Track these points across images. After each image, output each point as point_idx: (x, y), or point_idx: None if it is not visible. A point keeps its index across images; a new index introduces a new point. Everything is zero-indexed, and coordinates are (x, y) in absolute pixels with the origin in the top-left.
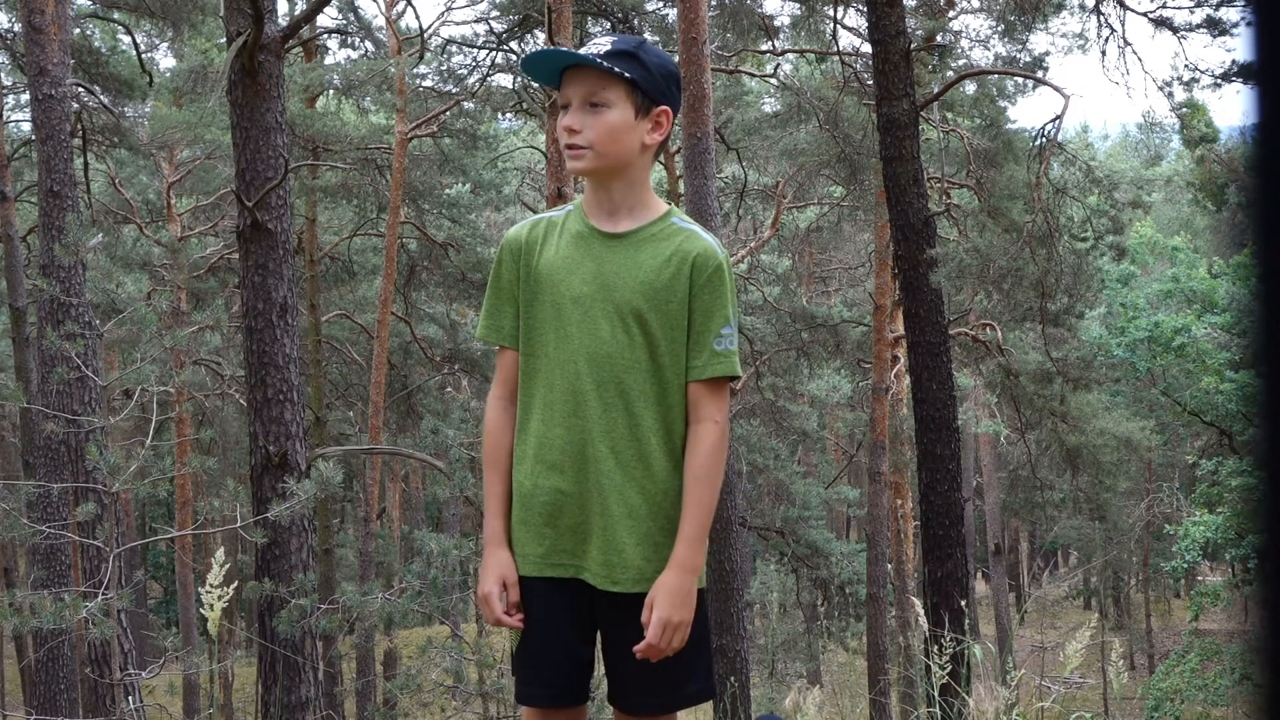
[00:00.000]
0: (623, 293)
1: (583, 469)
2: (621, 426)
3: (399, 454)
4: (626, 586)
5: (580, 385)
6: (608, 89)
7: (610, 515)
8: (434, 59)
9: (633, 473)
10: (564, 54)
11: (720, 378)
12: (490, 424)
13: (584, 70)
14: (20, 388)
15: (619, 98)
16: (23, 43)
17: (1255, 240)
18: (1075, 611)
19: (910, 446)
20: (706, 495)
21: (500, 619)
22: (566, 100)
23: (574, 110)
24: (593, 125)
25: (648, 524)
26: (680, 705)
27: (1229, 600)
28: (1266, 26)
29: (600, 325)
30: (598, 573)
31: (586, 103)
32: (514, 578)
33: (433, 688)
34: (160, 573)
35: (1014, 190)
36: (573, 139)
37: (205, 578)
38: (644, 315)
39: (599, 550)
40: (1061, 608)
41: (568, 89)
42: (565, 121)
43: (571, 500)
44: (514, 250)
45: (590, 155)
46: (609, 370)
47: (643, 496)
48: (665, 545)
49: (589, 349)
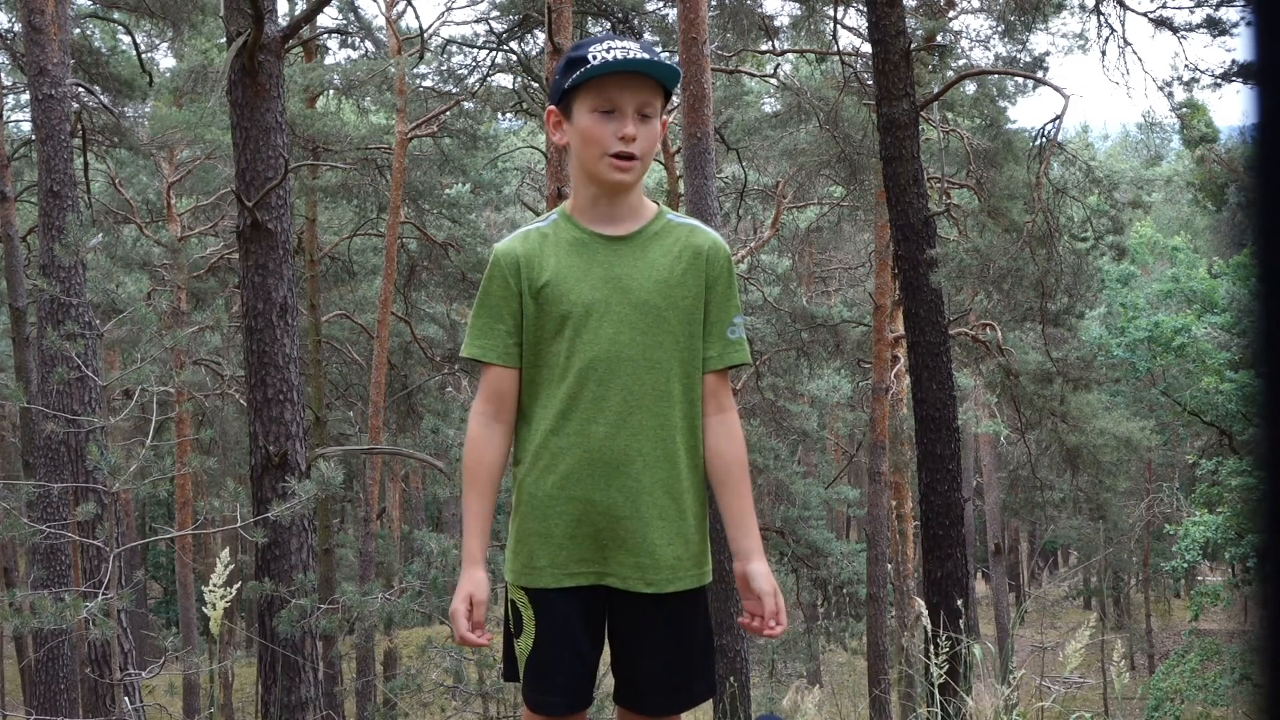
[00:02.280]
0: (639, 293)
1: (608, 475)
2: (648, 428)
3: (399, 454)
4: (660, 587)
5: (601, 391)
6: (656, 99)
7: (641, 518)
8: (434, 59)
9: (659, 474)
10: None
11: (734, 366)
12: (475, 441)
13: (637, 77)
14: (20, 388)
15: (659, 108)
16: (23, 43)
17: (1255, 240)
18: (1075, 611)
19: (910, 446)
20: (748, 480)
21: (464, 636)
22: (614, 104)
23: (630, 119)
24: (645, 135)
25: (677, 523)
26: (691, 704)
27: (1229, 600)
28: (1266, 26)
29: (619, 329)
30: (630, 576)
31: (640, 112)
32: (482, 597)
33: (433, 688)
34: (160, 573)
35: (1014, 190)
36: (629, 147)
37: (206, 577)
38: (663, 313)
39: (630, 554)
40: (1061, 608)
41: (619, 94)
42: (627, 131)
43: (596, 507)
44: (509, 265)
45: (639, 167)
46: (631, 373)
47: (670, 496)
48: (691, 541)
49: (608, 354)
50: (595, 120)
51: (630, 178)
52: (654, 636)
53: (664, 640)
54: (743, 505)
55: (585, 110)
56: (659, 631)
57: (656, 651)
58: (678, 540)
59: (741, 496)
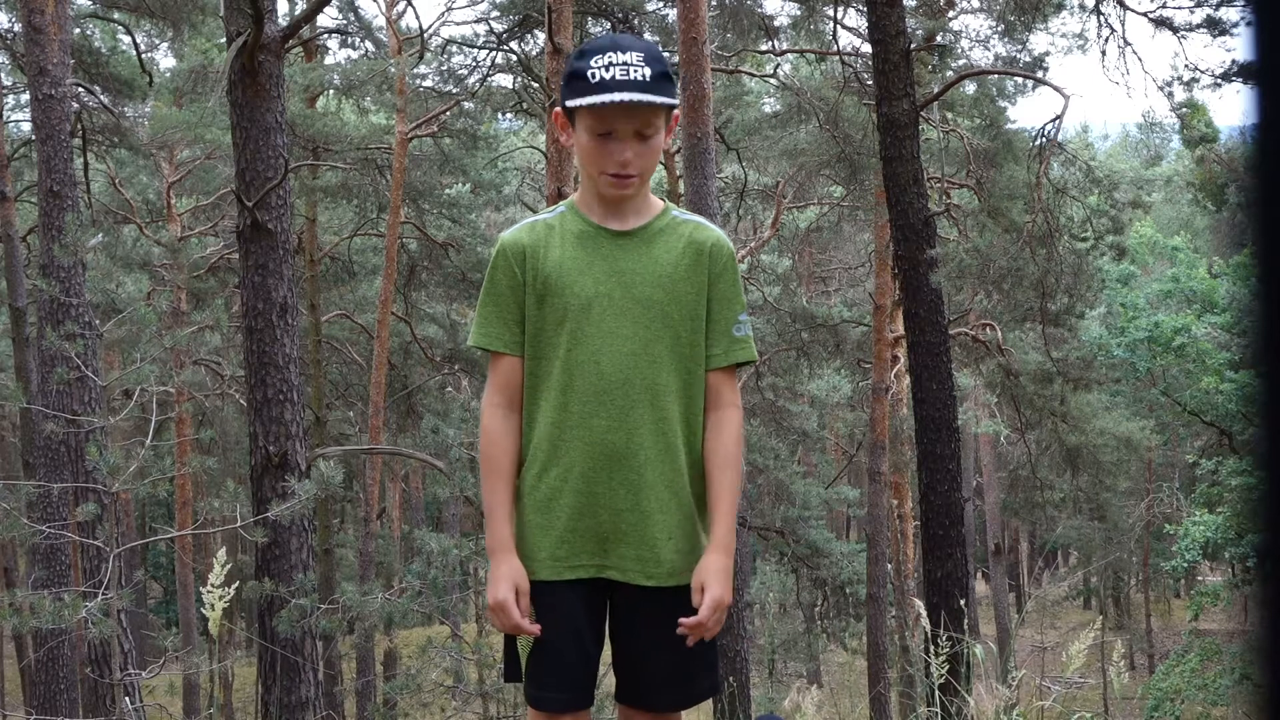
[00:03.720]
0: (642, 288)
1: (609, 469)
2: (649, 422)
3: (399, 454)
4: (661, 580)
5: (603, 384)
6: (656, 118)
7: (642, 511)
8: (434, 59)
9: (660, 467)
10: (644, 90)
11: (739, 364)
12: (491, 431)
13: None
14: (20, 388)
15: (662, 123)
16: (23, 43)
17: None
18: (1075, 611)
19: (910, 446)
20: (737, 478)
21: (519, 624)
22: (610, 129)
23: (628, 143)
24: (643, 154)
25: (677, 516)
26: (694, 700)
27: (1229, 600)
28: (1266, 26)
29: (621, 323)
30: (631, 569)
31: (639, 134)
32: (526, 585)
33: (433, 688)
34: (160, 573)
35: (1014, 190)
36: (626, 170)
37: (206, 577)
38: (665, 308)
39: (631, 547)
40: (1061, 608)
41: (616, 120)
42: (623, 156)
43: (598, 500)
44: (515, 255)
45: (638, 183)
46: (633, 367)
47: (670, 490)
48: (691, 535)
49: (611, 347)
50: (594, 142)
51: (629, 193)
52: (654, 631)
53: (664, 635)
54: (725, 500)
55: (584, 128)
56: (659, 626)
57: (656, 646)
58: (679, 534)
59: (725, 492)
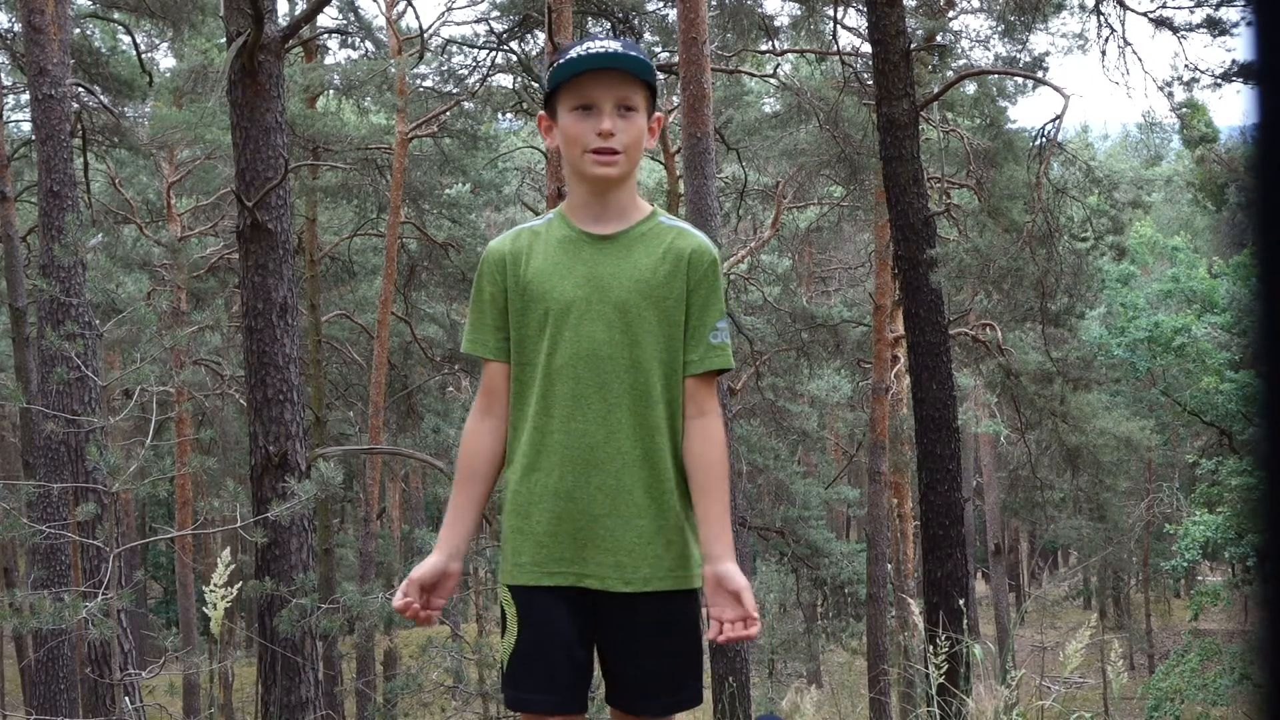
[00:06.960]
0: (619, 292)
1: (587, 473)
2: (626, 427)
3: (399, 454)
4: (639, 586)
5: (581, 389)
6: (637, 94)
7: (620, 516)
8: (434, 59)
9: (639, 473)
10: (618, 56)
11: (716, 370)
12: (466, 434)
13: (613, 73)
14: (20, 388)
15: (643, 104)
16: (23, 43)
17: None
18: (1075, 611)
19: (910, 446)
20: (725, 485)
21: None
22: (591, 101)
23: (608, 114)
24: (626, 129)
25: (658, 522)
26: (675, 709)
27: (1229, 600)
28: (1266, 26)
29: (597, 327)
30: (609, 575)
31: (620, 106)
32: (424, 578)
33: (433, 688)
34: (160, 573)
35: (1014, 190)
36: (608, 142)
37: (206, 577)
38: (642, 313)
39: (608, 553)
40: (1061, 608)
41: (595, 90)
42: (604, 126)
43: (576, 505)
44: (497, 263)
45: (623, 161)
46: (610, 371)
47: (650, 496)
48: (672, 543)
49: (588, 352)
50: (575, 118)
51: (614, 171)
52: (635, 636)
53: (645, 641)
54: (717, 509)
55: (566, 109)
56: (640, 632)
57: (638, 652)
58: (658, 540)
59: (716, 501)
